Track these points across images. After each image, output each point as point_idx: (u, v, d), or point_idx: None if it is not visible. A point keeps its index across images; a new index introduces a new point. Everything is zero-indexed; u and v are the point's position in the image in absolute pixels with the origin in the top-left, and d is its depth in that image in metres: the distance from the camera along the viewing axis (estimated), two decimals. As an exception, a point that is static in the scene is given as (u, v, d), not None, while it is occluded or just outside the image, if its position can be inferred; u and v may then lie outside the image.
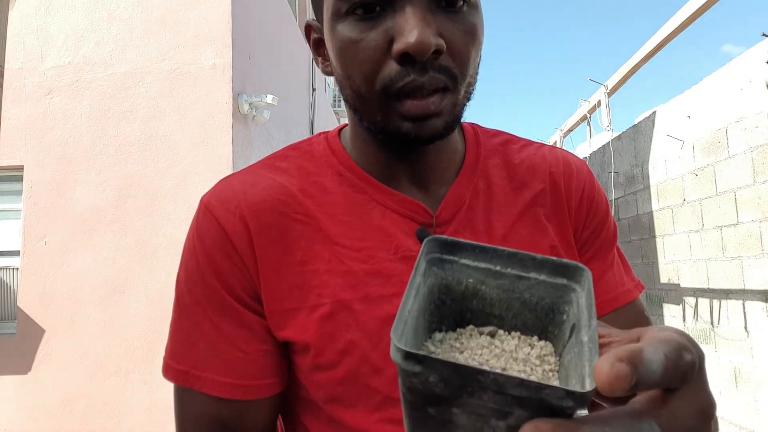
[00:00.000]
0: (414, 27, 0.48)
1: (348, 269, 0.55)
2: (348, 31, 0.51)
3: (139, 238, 3.87)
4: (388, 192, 0.58)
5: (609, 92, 5.64)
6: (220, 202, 0.57)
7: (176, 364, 0.55)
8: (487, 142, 0.65)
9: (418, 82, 0.49)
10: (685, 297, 3.72)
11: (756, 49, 3.00)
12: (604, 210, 0.65)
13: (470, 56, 0.52)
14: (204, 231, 0.57)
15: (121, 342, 3.81)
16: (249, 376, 0.54)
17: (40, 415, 3.80)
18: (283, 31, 5.91)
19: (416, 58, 0.48)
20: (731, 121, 3.17)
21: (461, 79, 0.52)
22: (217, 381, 0.54)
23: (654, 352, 0.25)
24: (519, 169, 0.63)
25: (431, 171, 0.60)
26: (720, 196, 3.29)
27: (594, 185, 0.66)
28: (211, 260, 0.56)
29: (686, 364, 0.26)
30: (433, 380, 0.25)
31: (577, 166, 0.65)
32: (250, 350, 0.55)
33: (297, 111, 6.44)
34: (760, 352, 2.97)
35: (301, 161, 0.61)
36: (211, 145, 3.96)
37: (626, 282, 0.64)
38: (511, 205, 0.61)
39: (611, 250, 0.65)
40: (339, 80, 0.55)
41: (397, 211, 0.58)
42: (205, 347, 0.55)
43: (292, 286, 0.55)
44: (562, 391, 0.24)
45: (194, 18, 4.11)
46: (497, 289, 0.34)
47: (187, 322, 0.56)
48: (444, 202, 0.59)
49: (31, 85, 4.10)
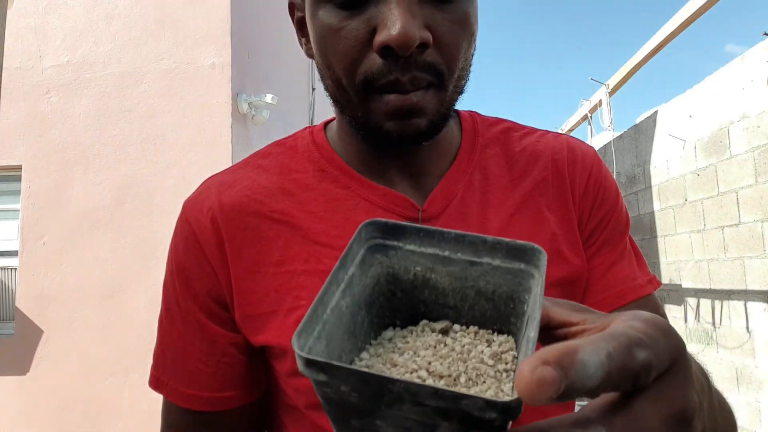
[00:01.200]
0: (398, 18, 0.44)
1: (326, 269, 0.51)
2: (329, 18, 0.47)
3: (138, 238, 3.86)
4: (372, 186, 0.55)
5: (610, 92, 5.62)
6: (194, 205, 0.56)
7: (153, 369, 0.56)
8: (486, 132, 0.61)
9: (398, 81, 0.46)
10: (687, 297, 3.70)
11: (757, 48, 2.98)
12: (613, 197, 0.60)
13: (460, 50, 0.48)
14: (179, 236, 0.56)
15: (119, 342, 3.79)
16: (210, 389, 0.54)
17: (39, 416, 3.78)
18: (283, 30, 5.89)
19: (399, 52, 0.44)
20: (733, 120, 3.16)
21: (449, 76, 0.48)
22: (181, 391, 0.54)
23: (593, 352, 0.20)
24: (520, 157, 0.59)
25: (422, 163, 0.56)
26: (722, 195, 3.27)
27: (602, 171, 0.60)
28: (182, 267, 0.55)
29: (638, 364, 0.21)
30: (345, 390, 0.23)
31: (582, 150, 0.61)
32: (210, 362, 0.54)
33: (297, 110, 6.43)
34: (761, 352, 2.95)
35: (283, 158, 0.59)
36: (210, 144, 3.94)
37: (638, 276, 0.58)
38: (509, 197, 0.57)
39: (622, 240, 0.59)
40: (319, 69, 0.52)
41: (381, 206, 0.54)
42: (171, 356, 0.55)
43: (268, 288, 0.52)
44: (481, 401, 0.21)
45: (193, 17, 4.09)
46: (448, 278, 0.30)
47: (161, 330, 0.57)
48: (432, 195, 0.55)
49: (30, 84, 4.08)
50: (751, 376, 3.02)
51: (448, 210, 0.55)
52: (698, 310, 3.56)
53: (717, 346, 3.34)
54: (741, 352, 3.11)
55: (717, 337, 3.35)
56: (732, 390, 3.19)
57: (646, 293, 0.57)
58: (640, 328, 0.23)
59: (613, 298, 0.56)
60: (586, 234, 0.58)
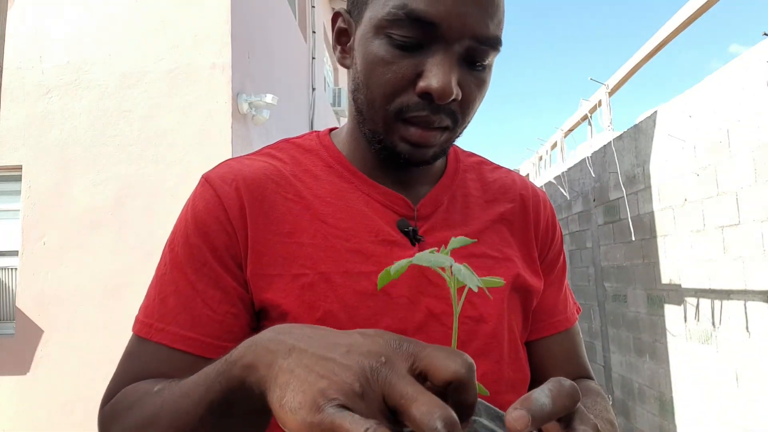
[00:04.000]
0: (442, 74, 0.54)
1: (331, 245, 0.60)
2: (383, 50, 0.56)
3: (138, 238, 3.86)
4: (373, 185, 0.64)
5: (610, 92, 5.62)
6: (218, 175, 0.62)
7: (143, 317, 0.59)
8: (465, 159, 0.74)
9: (429, 118, 0.56)
10: (687, 297, 3.70)
11: (758, 48, 2.98)
12: (560, 243, 0.75)
13: (475, 107, 0.60)
14: (199, 198, 0.61)
15: (120, 342, 3.76)
16: (213, 336, 0.57)
17: (39, 416, 3.78)
18: (283, 31, 5.89)
19: (436, 100, 0.55)
20: (733, 120, 3.15)
21: (461, 123, 0.60)
22: (180, 334, 0.56)
23: (539, 391, 0.35)
24: (492, 186, 0.72)
25: (415, 175, 0.67)
26: (722, 195, 3.27)
27: (555, 219, 0.76)
28: (200, 223, 0.59)
29: (568, 387, 0.36)
30: None
31: (543, 197, 0.75)
32: (219, 310, 0.57)
33: (296, 111, 6.43)
34: (761, 352, 2.95)
35: (294, 152, 0.67)
36: (210, 144, 3.94)
37: (570, 309, 0.75)
38: (483, 214, 0.68)
39: (564, 277, 0.76)
40: (356, 82, 0.61)
41: (380, 202, 0.64)
42: (175, 303, 0.58)
43: (277, 255, 0.59)
44: None
45: (193, 17, 4.09)
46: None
47: (162, 282, 0.60)
48: (425, 199, 0.66)
49: (30, 84, 4.09)
50: (751, 377, 3.03)
51: (436, 214, 0.65)
52: (698, 310, 3.56)
53: (717, 346, 3.34)
54: (741, 352, 3.11)
55: (716, 337, 3.35)
56: (731, 390, 3.20)
57: (574, 323, 0.74)
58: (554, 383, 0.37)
59: (553, 325, 0.72)
60: (544, 265, 0.72)
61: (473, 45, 0.56)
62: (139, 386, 0.54)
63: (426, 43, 0.55)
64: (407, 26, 0.54)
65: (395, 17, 0.55)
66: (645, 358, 4.32)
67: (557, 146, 7.49)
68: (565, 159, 7.19)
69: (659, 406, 4.08)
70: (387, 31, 0.56)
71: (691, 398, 3.64)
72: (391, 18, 0.55)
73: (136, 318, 0.60)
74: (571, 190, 6.03)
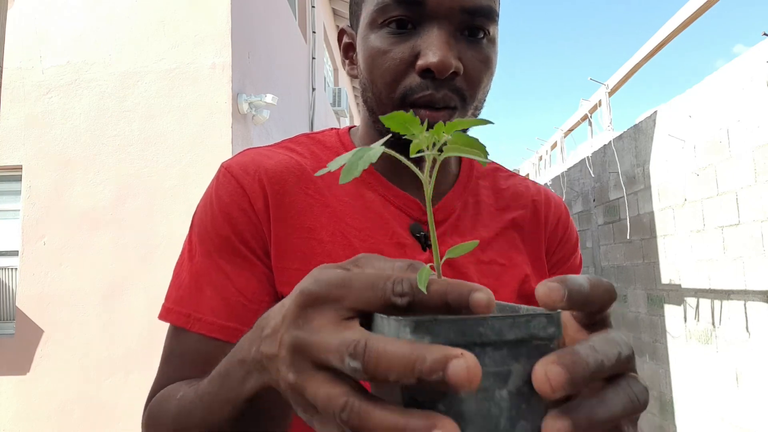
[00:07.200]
0: (438, 47, 0.55)
1: (349, 243, 0.61)
2: (379, 42, 0.58)
3: (138, 238, 3.86)
4: (390, 187, 0.65)
5: (610, 92, 5.62)
6: (240, 165, 0.63)
7: (179, 308, 0.59)
8: (479, 166, 0.73)
9: (433, 96, 0.56)
10: (687, 297, 3.70)
11: (757, 48, 2.98)
12: (573, 243, 0.74)
13: (482, 83, 0.59)
14: (222, 188, 0.61)
15: (120, 342, 3.80)
16: (249, 324, 0.57)
17: (39, 416, 3.78)
18: (283, 31, 5.89)
19: (436, 74, 0.55)
20: (733, 120, 3.15)
21: (470, 101, 0.59)
22: (217, 324, 0.57)
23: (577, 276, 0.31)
24: (505, 194, 0.72)
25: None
26: (721, 196, 3.27)
27: (569, 219, 0.75)
28: (227, 214, 0.60)
29: (606, 283, 0.32)
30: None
31: (556, 200, 0.75)
32: (254, 299, 0.58)
33: (296, 110, 6.43)
34: (761, 353, 2.95)
35: (313, 148, 0.68)
36: (210, 144, 3.94)
37: None
38: (493, 222, 0.69)
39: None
40: (363, 83, 0.62)
41: (395, 204, 0.64)
42: (211, 293, 0.58)
43: (297, 249, 0.60)
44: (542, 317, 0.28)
45: (193, 17, 4.09)
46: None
47: (195, 272, 0.60)
48: (439, 205, 0.66)
49: (30, 84, 4.09)
50: (751, 377, 3.02)
51: (449, 220, 0.66)
52: (698, 310, 3.56)
53: (716, 346, 3.34)
54: (740, 352, 3.11)
55: (717, 337, 3.34)
56: (731, 390, 3.20)
57: None
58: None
59: None
60: (550, 264, 0.71)
61: (466, 18, 0.56)
62: (171, 390, 0.55)
63: (418, 23, 0.56)
64: (395, 9, 0.56)
65: (383, 4, 0.57)
66: (645, 358, 4.31)
67: (557, 146, 7.49)
68: (565, 159, 7.19)
69: (659, 406, 4.08)
70: (379, 22, 0.58)
71: (691, 398, 3.64)
72: (379, 7, 0.57)
73: (167, 307, 0.60)
74: (571, 190, 6.03)
